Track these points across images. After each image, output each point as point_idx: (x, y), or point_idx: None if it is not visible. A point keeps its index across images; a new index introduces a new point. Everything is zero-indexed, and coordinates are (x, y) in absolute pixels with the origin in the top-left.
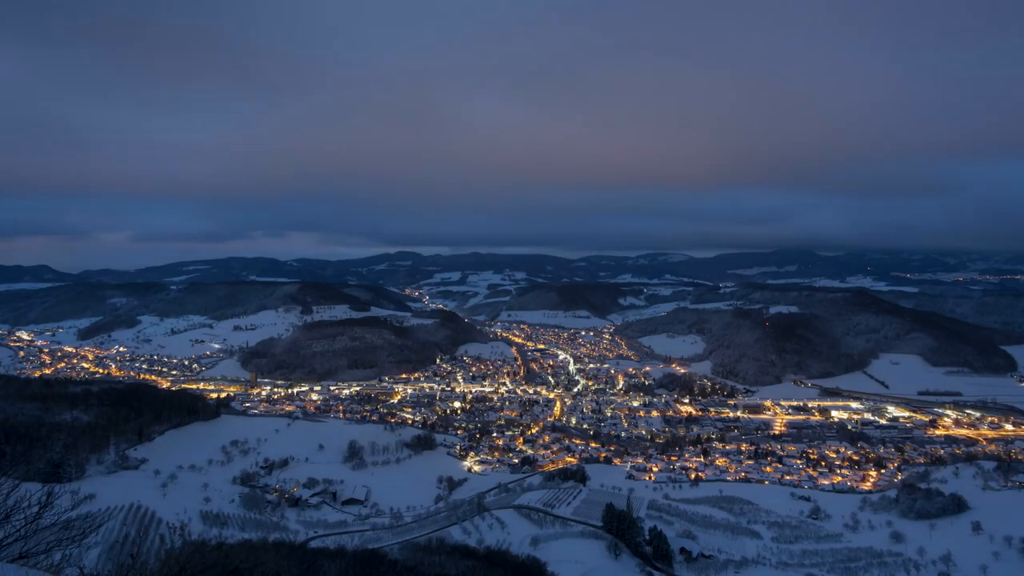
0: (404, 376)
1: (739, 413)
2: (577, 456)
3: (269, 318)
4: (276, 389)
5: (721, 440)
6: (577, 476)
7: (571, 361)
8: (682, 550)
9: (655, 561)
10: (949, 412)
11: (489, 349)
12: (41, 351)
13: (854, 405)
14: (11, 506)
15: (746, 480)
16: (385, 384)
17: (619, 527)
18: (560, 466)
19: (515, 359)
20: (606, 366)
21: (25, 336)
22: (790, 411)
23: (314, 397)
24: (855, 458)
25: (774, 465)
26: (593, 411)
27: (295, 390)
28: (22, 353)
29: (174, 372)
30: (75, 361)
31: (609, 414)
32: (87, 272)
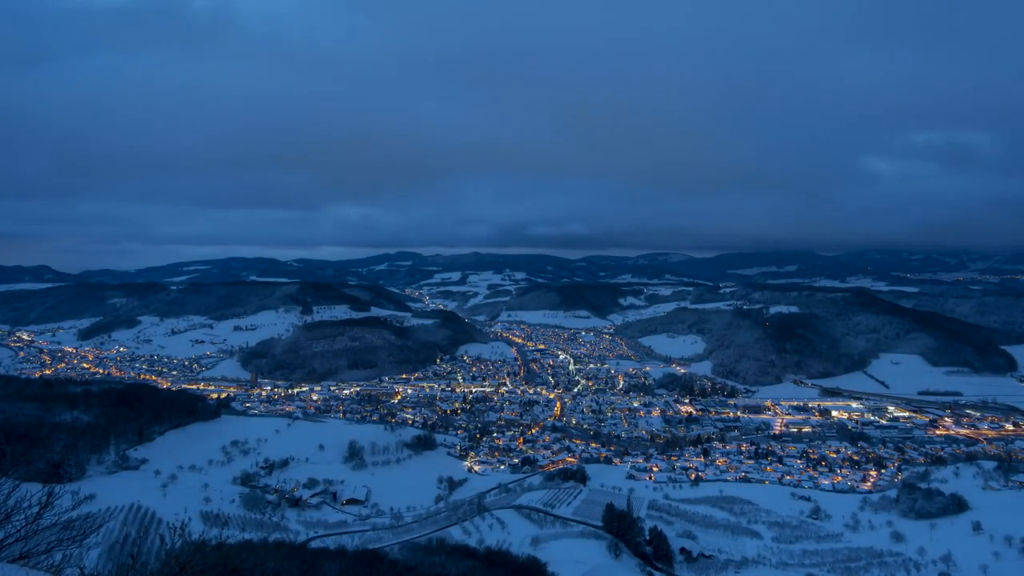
0: (404, 376)
1: (739, 413)
2: (577, 456)
3: (269, 318)
4: (276, 389)
5: (721, 440)
6: (577, 476)
7: (571, 361)
8: (682, 550)
9: (655, 561)
10: (949, 412)
11: (489, 349)
12: (41, 351)
13: (854, 405)
14: (11, 506)
15: (746, 480)
16: (385, 384)
17: (619, 527)
18: (560, 466)
19: (515, 359)
20: (606, 366)
21: (25, 336)
22: (790, 411)
23: (314, 397)
24: (855, 458)
25: (774, 465)
26: (593, 411)
27: (295, 390)
28: (22, 353)
29: (174, 372)
30: (75, 361)
31: (609, 414)
32: (87, 272)
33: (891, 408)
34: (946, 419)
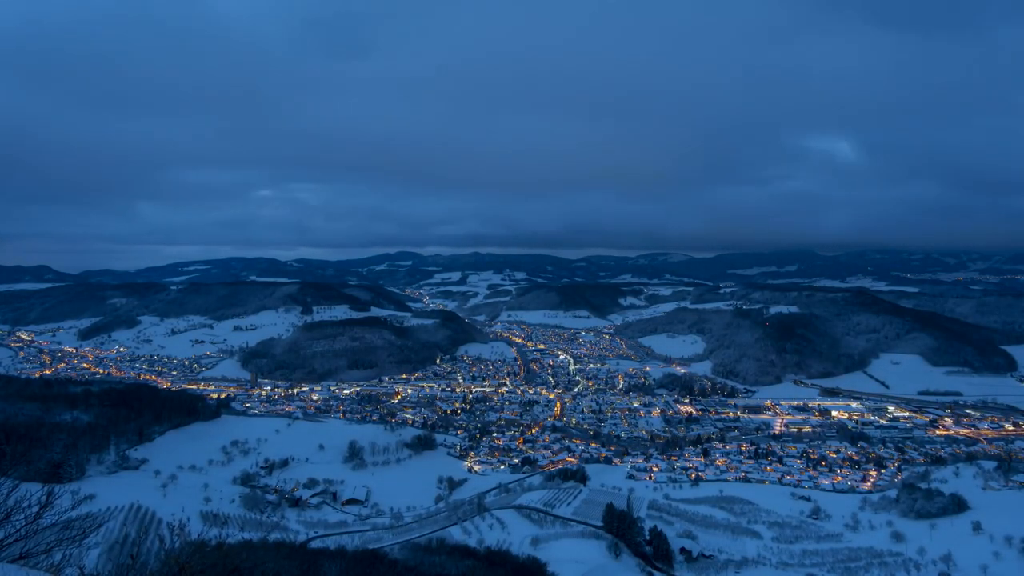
0: (404, 376)
1: (739, 413)
2: (577, 456)
3: (269, 318)
4: (276, 389)
5: (721, 440)
6: (577, 476)
7: (571, 361)
8: (682, 550)
9: (655, 561)
10: (949, 412)
11: (489, 349)
12: (41, 351)
13: (854, 405)
14: (11, 506)
15: (746, 480)
16: (385, 384)
17: (619, 527)
18: (560, 466)
19: (515, 359)
20: (606, 366)
21: (25, 336)
22: (790, 411)
23: (314, 397)
24: (855, 458)
25: (774, 465)
26: (593, 411)
27: (295, 390)
28: (22, 353)
29: (174, 372)
30: (75, 361)
31: (609, 414)
32: (87, 272)
33: (891, 408)
34: (946, 419)
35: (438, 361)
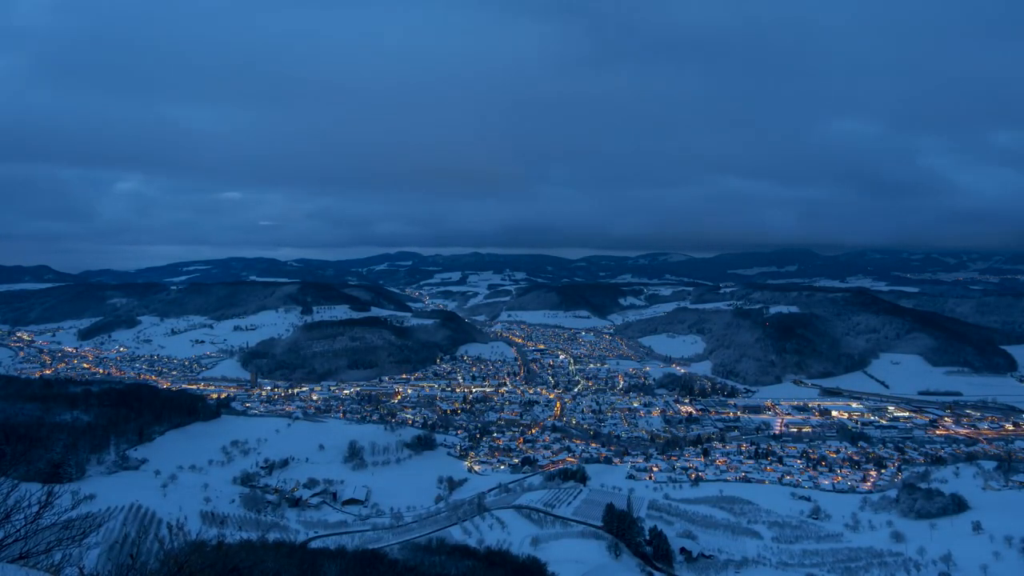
0: (404, 376)
1: (739, 413)
2: (577, 456)
3: (269, 318)
4: (276, 389)
5: (721, 440)
6: (577, 476)
7: (571, 361)
8: (682, 550)
9: (655, 561)
10: (949, 412)
11: (489, 349)
12: (41, 351)
13: (854, 405)
14: (11, 506)
15: (746, 480)
16: (385, 384)
17: (619, 527)
18: (560, 466)
19: (515, 359)
20: (606, 366)
21: (25, 336)
22: (790, 411)
23: (314, 397)
24: (855, 458)
25: (774, 465)
26: (593, 411)
27: (295, 390)
28: (22, 353)
29: (174, 372)
30: (75, 361)
31: (609, 414)
32: (87, 272)
33: (891, 408)
34: (946, 419)
35: (438, 361)
